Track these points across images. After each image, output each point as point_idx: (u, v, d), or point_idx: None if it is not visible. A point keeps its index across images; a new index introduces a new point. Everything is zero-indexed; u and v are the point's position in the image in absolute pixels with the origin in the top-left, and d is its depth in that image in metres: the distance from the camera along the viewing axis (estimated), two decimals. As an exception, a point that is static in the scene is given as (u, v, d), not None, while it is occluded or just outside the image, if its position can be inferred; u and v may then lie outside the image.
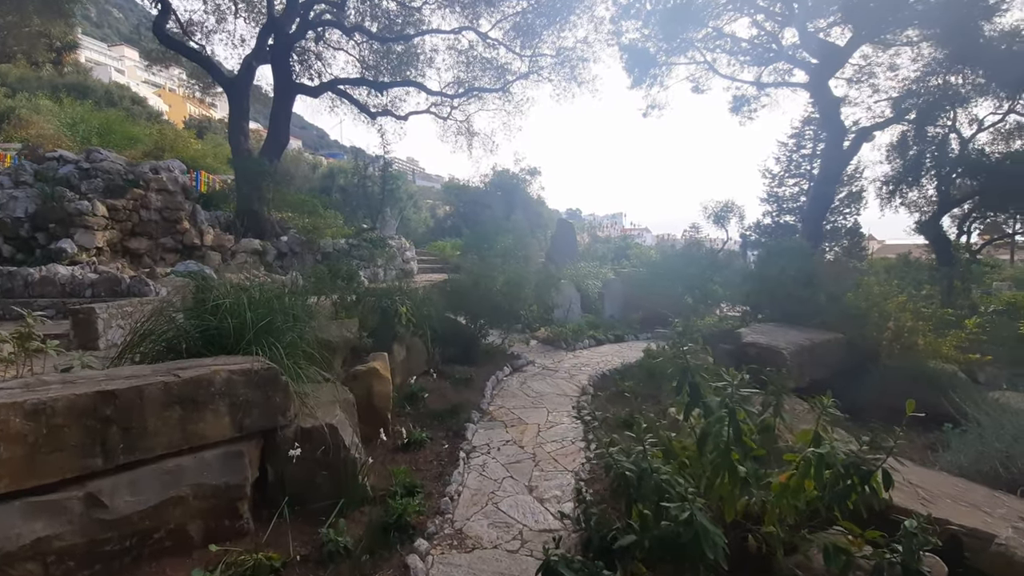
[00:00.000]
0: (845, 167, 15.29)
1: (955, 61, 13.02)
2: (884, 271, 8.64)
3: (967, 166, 13.32)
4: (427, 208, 26.95)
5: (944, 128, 13.67)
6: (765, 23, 15.92)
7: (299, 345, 4.19)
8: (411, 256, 13.01)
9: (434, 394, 5.72)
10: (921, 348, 5.35)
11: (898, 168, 14.36)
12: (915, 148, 14.06)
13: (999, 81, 12.63)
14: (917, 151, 14.08)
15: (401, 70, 13.71)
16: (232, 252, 10.68)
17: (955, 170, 13.43)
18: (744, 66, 16.81)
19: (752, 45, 16.28)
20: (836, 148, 14.77)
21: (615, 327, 9.79)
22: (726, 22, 16.15)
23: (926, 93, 13.65)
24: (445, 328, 7.31)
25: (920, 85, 13.41)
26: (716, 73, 16.35)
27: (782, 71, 16.78)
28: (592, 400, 5.95)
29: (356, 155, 14.92)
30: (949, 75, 12.97)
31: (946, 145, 13.69)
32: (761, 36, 16.06)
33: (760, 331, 5.34)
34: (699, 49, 16.34)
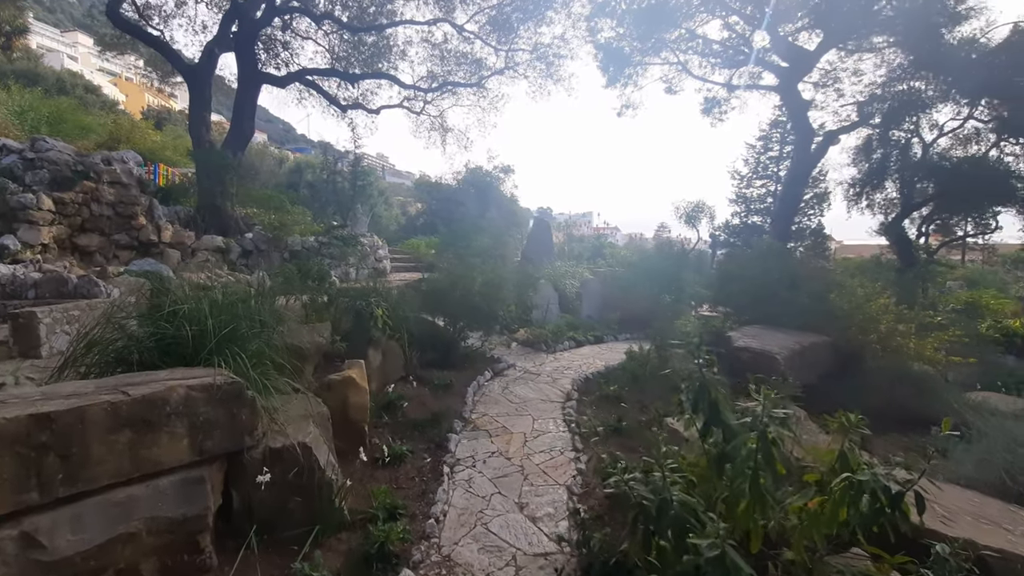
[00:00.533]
0: (813, 169, 15.57)
1: (918, 68, 13.36)
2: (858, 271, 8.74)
3: (927, 170, 13.71)
4: (398, 205, 26.35)
5: (907, 133, 14.03)
6: (736, 25, 16.04)
7: (266, 354, 3.81)
8: (384, 255, 12.56)
9: (413, 402, 5.39)
10: (905, 350, 5.33)
11: (864, 171, 14.68)
12: (879, 152, 14.40)
13: (959, 88, 13.02)
14: (881, 155, 14.42)
15: (373, 62, 13.20)
16: (192, 250, 10.04)
17: (917, 174, 13.81)
18: (715, 68, 16.91)
19: (723, 47, 16.38)
20: (805, 150, 15.01)
21: (594, 328, 9.62)
22: (698, 24, 16.19)
23: (890, 98, 13.96)
24: (423, 331, 6.98)
25: (885, 90, 13.73)
26: (689, 74, 16.40)
27: (752, 74, 16.96)
28: (578, 406, 5.71)
29: (325, 150, 14.31)
30: (913, 81, 13.30)
31: (909, 149, 14.06)
32: (732, 39, 16.18)
33: (749, 334, 5.22)
34: (672, 50, 16.36)
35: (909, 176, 13.96)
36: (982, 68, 12.42)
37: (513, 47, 13.19)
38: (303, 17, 12.72)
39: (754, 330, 5.48)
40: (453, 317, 7.01)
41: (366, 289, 6.89)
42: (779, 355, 4.48)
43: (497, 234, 11.97)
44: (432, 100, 14.97)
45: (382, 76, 13.19)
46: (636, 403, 5.86)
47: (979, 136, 13.44)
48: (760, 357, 4.55)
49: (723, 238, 22.53)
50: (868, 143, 14.51)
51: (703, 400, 2.36)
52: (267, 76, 12.39)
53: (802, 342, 5.04)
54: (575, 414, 5.43)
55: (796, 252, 12.87)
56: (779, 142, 21.24)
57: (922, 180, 13.89)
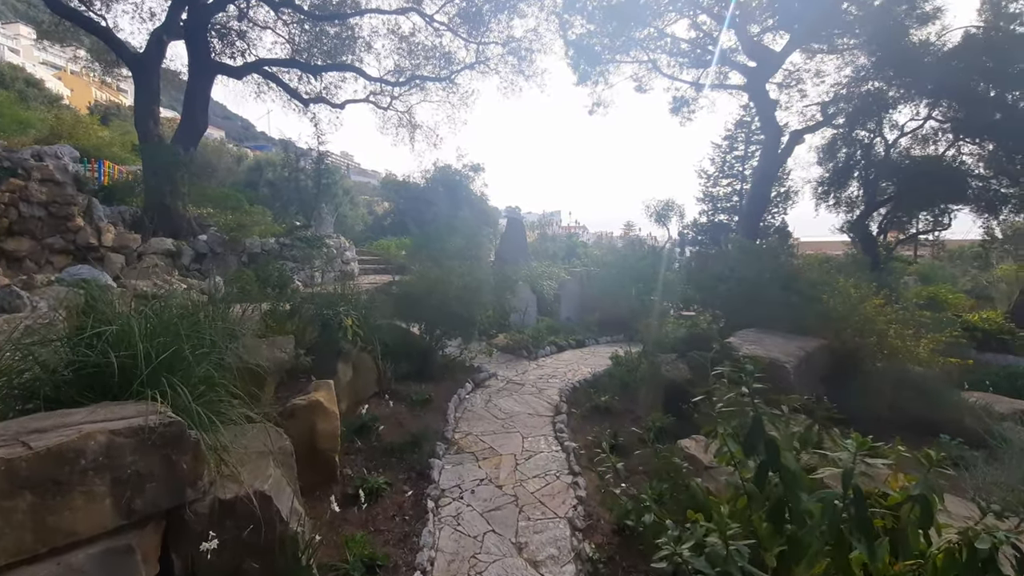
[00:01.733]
0: (781, 167, 15.64)
1: (880, 69, 13.51)
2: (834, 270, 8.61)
3: (890, 169, 13.91)
4: (365, 205, 25.41)
5: (870, 133, 14.21)
6: (704, 25, 15.96)
7: (216, 380, 3.19)
8: (351, 256, 11.82)
9: (389, 422, 4.81)
10: (903, 352, 5.10)
11: (829, 170, 14.81)
12: (844, 151, 14.54)
13: (919, 89, 13.23)
14: (846, 154, 14.57)
15: (336, 54, 12.41)
16: (139, 254, 9.11)
17: (879, 173, 14.00)
18: (683, 68, 16.81)
19: (692, 46, 16.28)
20: (772, 149, 15.03)
21: (574, 331, 9.21)
22: (667, 23, 16.03)
23: (854, 99, 14.10)
24: (396, 340, 6.39)
25: (849, 90, 13.86)
26: (659, 72, 16.23)
27: (720, 73, 16.95)
28: (568, 419, 5.26)
29: (286, 147, 13.42)
30: (875, 82, 13.44)
31: (872, 149, 14.24)
32: (700, 38, 16.09)
33: (749, 340, 4.88)
34: (642, 48, 16.16)
35: (872, 175, 14.14)
36: (938, 71, 12.65)
37: (484, 40, 12.63)
38: (261, 5, 11.83)
39: (751, 335, 5.15)
40: (430, 324, 6.45)
41: (333, 295, 6.26)
42: (788, 364, 4.13)
43: (471, 234, 11.43)
44: (400, 95, 14.26)
45: (346, 68, 12.42)
46: (629, 414, 5.45)
47: (937, 136, 13.70)
48: (768, 367, 4.18)
49: (691, 236, 22.59)
50: (833, 143, 14.64)
51: (757, 438, 1.92)
52: (221, 66, 11.45)
53: (805, 347, 4.73)
54: (567, 430, 4.97)
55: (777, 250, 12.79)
56: (744, 142, 21.38)
57: (884, 179, 14.08)
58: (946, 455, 4.24)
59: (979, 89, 12.67)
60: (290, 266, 9.70)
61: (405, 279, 8.24)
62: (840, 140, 14.60)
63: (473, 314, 6.52)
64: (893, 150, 14.00)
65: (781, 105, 15.87)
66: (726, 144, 21.85)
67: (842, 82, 13.85)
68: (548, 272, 10.94)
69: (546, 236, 18.54)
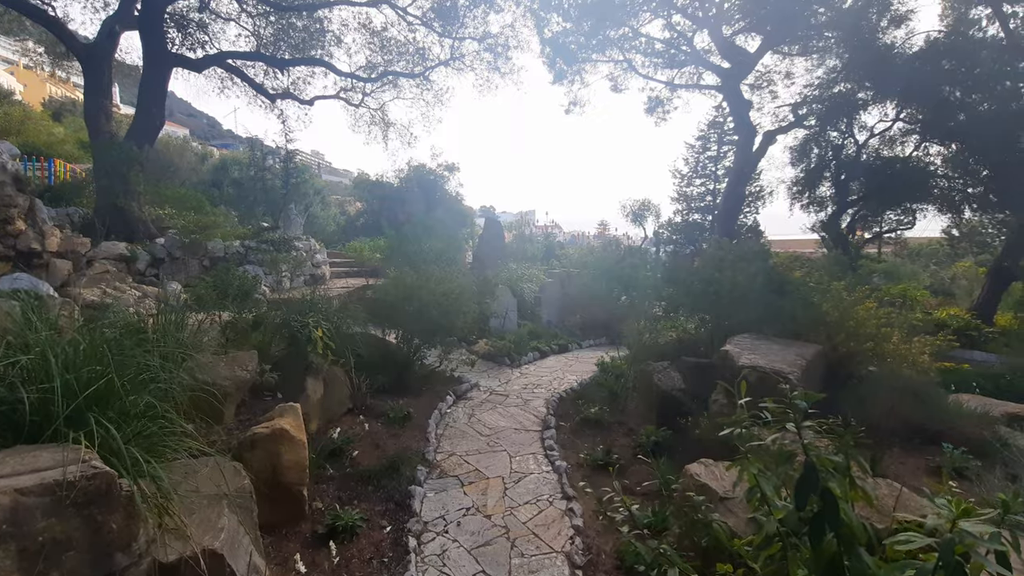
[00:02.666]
0: (755, 167, 15.67)
1: (850, 72, 13.63)
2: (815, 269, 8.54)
3: (860, 169, 14.06)
4: (336, 205, 24.62)
5: (841, 133, 14.34)
6: (678, 26, 15.88)
7: (160, 411, 2.72)
8: (322, 259, 11.22)
9: (364, 443, 4.38)
10: (901, 357, 4.93)
11: (802, 170, 14.89)
12: (816, 152, 14.64)
13: (887, 91, 13.38)
14: (818, 155, 14.67)
15: (304, 49, 11.77)
16: (88, 259, 8.36)
17: (851, 173, 14.13)
18: (658, 68, 16.72)
19: (667, 46, 16.18)
20: (747, 149, 15.03)
21: (557, 335, 8.88)
22: (643, 23, 15.89)
23: (825, 100, 14.20)
24: (372, 350, 5.93)
25: (821, 92, 13.95)
26: (635, 72, 16.06)
27: (694, 74, 16.91)
28: (558, 435, 4.90)
29: (252, 144, 12.71)
30: (846, 84, 13.56)
31: (843, 149, 14.37)
32: (675, 39, 16.00)
33: (745, 347, 4.62)
34: (618, 47, 15.98)
35: (844, 175, 14.26)
36: (905, 74, 12.81)
37: (459, 35, 12.17)
38: (222, -6, 11.11)
39: (746, 341, 4.90)
40: (407, 333, 6.01)
41: (302, 303, 5.76)
42: (792, 374, 3.87)
43: (449, 236, 10.98)
44: (372, 92, 13.67)
45: (315, 63, 11.79)
46: (620, 427, 5.14)
47: (905, 137, 13.90)
48: (770, 378, 3.92)
49: (666, 236, 22.59)
50: (805, 143, 14.73)
51: (811, 489, 1.59)
52: (179, 58, 10.69)
53: (804, 355, 4.49)
54: (557, 446, 4.62)
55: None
56: (717, 142, 21.45)
57: (855, 179, 14.23)
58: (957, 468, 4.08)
59: (944, 92, 12.88)
60: (255, 271, 9.08)
61: (380, 283, 7.78)
62: (812, 141, 14.70)
63: (454, 322, 6.12)
64: (863, 151, 14.14)
65: (754, 106, 15.93)
66: (699, 144, 21.89)
67: (814, 83, 13.94)
68: (528, 274, 10.59)
69: (524, 237, 18.18)
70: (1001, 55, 12.73)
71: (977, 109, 13.15)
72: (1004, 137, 12.23)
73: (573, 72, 16.20)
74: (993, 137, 12.32)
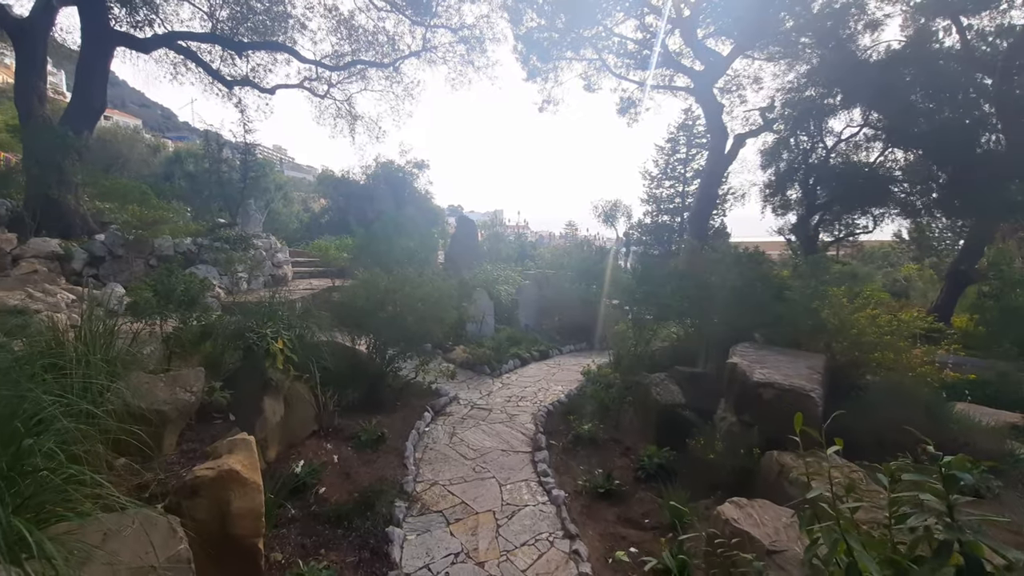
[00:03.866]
0: (727, 169, 15.64)
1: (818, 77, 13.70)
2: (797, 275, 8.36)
3: (828, 174, 14.17)
4: (300, 201, 23.46)
5: (810, 138, 14.41)
6: (651, 27, 15.71)
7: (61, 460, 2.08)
8: (284, 259, 10.36)
9: (332, 474, 3.76)
10: (903, 367, 4.66)
11: (772, 174, 14.92)
12: (786, 155, 14.69)
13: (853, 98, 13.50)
14: (788, 159, 14.72)
15: (265, 33, 10.86)
16: (14, 258, 7.35)
17: (819, 177, 14.22)
18: (631, 69, 16.52)
19: (640, 46, 15.98)
20: (719, 151, 14.98)
21: (536, 340, 8.38)
22: (616, 22, 15.64)
23: (794, 105, 14.26)
24: (340, 361, 5.27)
25: (793, 96, 14.00)
26: (609, 71, 15.78)
27: (666, 76, 16.79)
28: (550, 456, 4.39)
29: (208, 135, 11.67)
30: (815, 88, 13.62)
31: (812, 153, 14.45)
32: (648, 39, 15.82)
33: (750, 357, 4.23)
34: (592, 46, 15.67)
35: (812, 179, 14.34)
36: (869, 81, 12.95)
37: (432, 24, 11.50)
38: (173, -29, 10.09)
39: (750, 352, 4.52)
40: (381, 343, 5.38)
41: (261, 307, 5.05)
42: (814, 393, 3.49)
43: (420, 235, 10.32)
44: (339, 83, 12.83)
45: (276, 47, 10.88)
46: (616, 445, 4.68)
47: (871, 143, 14.08)
48: (787, 395, 3.52)
49: (636, 236, 22.49)
50: (776, 147, 14.75)
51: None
52: (123, 37, 9.62)
53: (815, 367, 4.14)
54: (551, 470, 4.11)
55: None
56: (686, 144, 21.47)
57: (823, 183, 14.34)
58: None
59: (907, 99, 13.07)
60: (208, 271, 8.21)
61: (348, 285, 7.10)
62: (782, 145, 14.73)
63: (432, 329, 5.52)
64: (832, 156, 14.26)
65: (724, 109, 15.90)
66: (669, 147, 21.86)
67: (785, 87, 13.96)
68: (504, 276, 10.06)
69: (498, 236, 17.61)
70: (961, 65, 13.00)
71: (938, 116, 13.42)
72: (963, 144, 12.49)
73: (547, 69, 15.79)
74: (953, 144, 12.55)
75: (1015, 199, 11.60)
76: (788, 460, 3.26)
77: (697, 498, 3.63)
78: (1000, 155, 12.48)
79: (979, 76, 13.47)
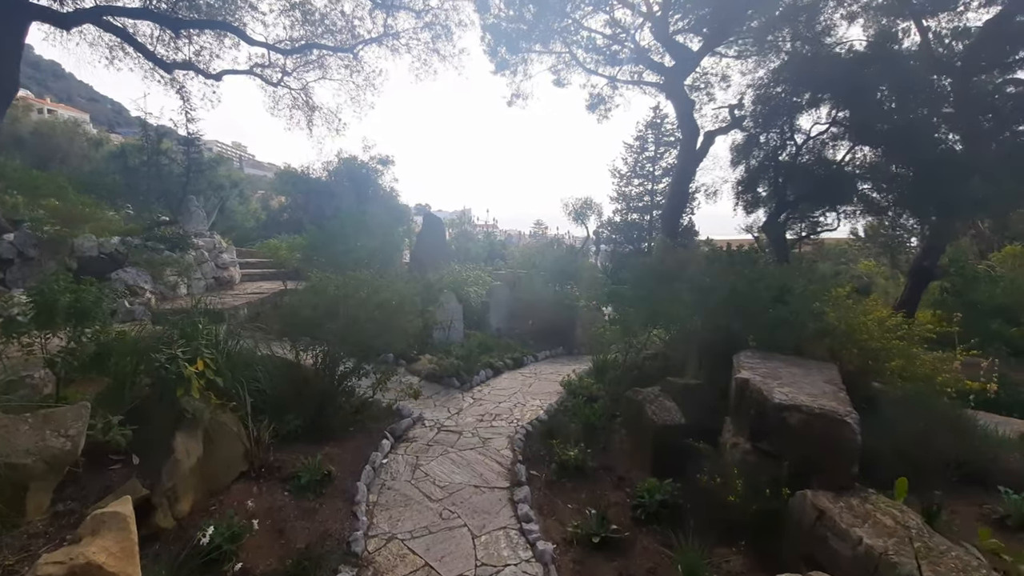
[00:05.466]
0: (698, 166, 15.29)
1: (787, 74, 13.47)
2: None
3: (794, 171, 13.96)
4: (259, 200, 22.04)
5: (778, 136, 14.18)
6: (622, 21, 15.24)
7: None
8: (229, 259, 9.24)
9: (260, 534, 2.91)
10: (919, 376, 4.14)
11: (742, 171, 14.62)
12: (755, 153, 14.42)
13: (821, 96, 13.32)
14: (756, 156, 14.46)
15: (208, 13, 9.71)
16: None
17: (788, 175, 13.99)
18: (601, 65, 16.02)
19: (610, 41, 15.48)
20: (691, 148, 14.62)
21: (509, 347, 7.62)
22: (586, 15, 15.09)
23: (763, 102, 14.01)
24: (281, 380, 4.40)
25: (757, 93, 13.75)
26: (578, 64, 15.21)
27: (636, 72, 16.36)
28: (532, 493, 3.64)
29: (145, 124, 10.38)
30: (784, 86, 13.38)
31: (780, 151, 14.22)
32: (619, 34, 15.34)
33: (761, 370, 3.60)
34: (561, 39, 15.07)
35: (782, 177, 14.11)
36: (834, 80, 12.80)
37: (392, 4, 10.53)
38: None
39: (758, 363, 3.90)
40: (330, 358, 4.52)
41: (179, 320, 4.12)
42: (849, 417, 2.87)
43: (383, 233, 9.40)
44: (294, 71, 11.72)
45: (220, 26, 9.72)
46: (607, 473, 3.97)
47: (837, 142, 13.93)
48: (818, 421, 2.89)
49: (606, 235, 22.05)
50: (746, 145, 14.46)
51: None
52: (40, 10, 8.33)
53: (833, 380, 3.55)
54: (534, 514, 3.36)
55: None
56: (655, 143, 21.14)
57: (791, 181, 14.12)
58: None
59: (874, 99, 12.96)
60: (136, 275, 7.10)
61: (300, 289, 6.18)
62: (752, 142, 14.46)
63: (392, 341, 4.70)
64: (801, 154, 14.05)
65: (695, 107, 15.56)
66: (637, 145, 21.48)
67: (756, 84, 13.70)
68: (473, 277, 9.26)
69: (467, 235, 16.76)
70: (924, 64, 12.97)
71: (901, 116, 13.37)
72: (927, 143, 12.44)
73: (516, 62, 15.06)
74: (917, 143, 12.48)
75: (977, 196, 11.58)
76: (826, 503, 2.62)
77: (711, 546, 2.97)
78: (961, 154, 12.49)
79: (940, 76, 13.49)
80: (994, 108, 13.35)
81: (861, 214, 15.10)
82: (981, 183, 11.97)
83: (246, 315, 7.32)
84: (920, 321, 4.72)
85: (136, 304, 6.84)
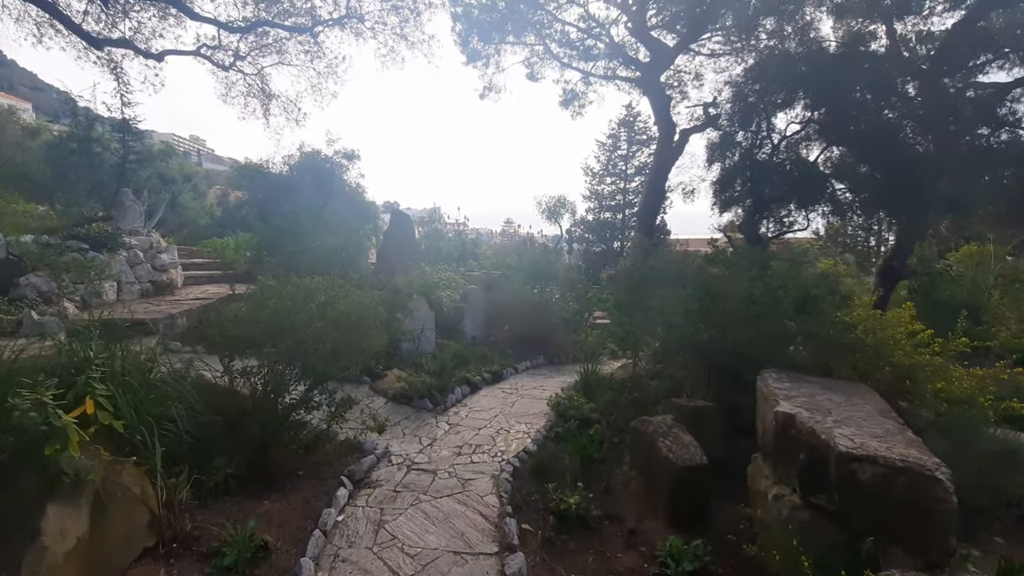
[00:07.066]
0: (675, 163, 14.83)
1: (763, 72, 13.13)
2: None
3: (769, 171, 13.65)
4: (216, 195, 20.47)
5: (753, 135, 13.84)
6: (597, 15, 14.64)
7: None
8: (169, 260, 8.06)
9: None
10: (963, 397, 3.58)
11: (718, 170, 14.23)
12: (730, 152, 14.05)
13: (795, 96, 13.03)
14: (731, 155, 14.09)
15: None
16: None
17: (763, 174, 13.68)
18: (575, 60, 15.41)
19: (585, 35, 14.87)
20: (667, 146, 14.14)
21: (487, 357, 6.81)
22: (560, 7, 14.42)
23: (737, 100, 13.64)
24: (210, 413, 3.47)
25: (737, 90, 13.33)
26: (552, 58, 14.52)
27: (610, 68, 15.83)
28: (527, 560, 2.87)
29: (74, 107, 9.03)
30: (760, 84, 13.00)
31: (756, 150, 13.89)
32: (594, 28, 14.75)
33: (804, 402, 2.93)
34: (535, 31, 14.36)
35: (757, 176, 13.78)
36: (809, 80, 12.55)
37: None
38: None
39: (792, 387, 3.23)
40: (277, 380, 3.61)
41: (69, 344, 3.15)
42: (939, 472, 2.22)
43: (346, 231, 8.41)
44: (248, 54, 10.53)
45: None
46: (617, 528, 3.22)
47: (810, 141, 13.69)
48: (899, 477, 2.21)
49: (578, 234, 21.48)
50: (722, 143, 14.06)
51: None
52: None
53: (884, 411, 2.93)
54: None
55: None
56: (627, 141, 20.68)
57: (766, 180, 13.81)
58: None
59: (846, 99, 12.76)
60: (42, 281, 5.95)
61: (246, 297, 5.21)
62: (727, 141, 14.08)
63: (352, 363, 3.82)
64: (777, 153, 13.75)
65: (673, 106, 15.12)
66: (610, 143, 20.98)
67: (733, 81, 13.29)
68: (446, 279, 8.40)
69: (437, 234, 15.81)
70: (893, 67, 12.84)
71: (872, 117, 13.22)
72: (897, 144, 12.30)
73: (488, 53, 14.22)
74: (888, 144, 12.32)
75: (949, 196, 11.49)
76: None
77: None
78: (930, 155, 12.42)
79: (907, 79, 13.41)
80: (956, 111, 13.34)
81: (832, 213, 15.00)
82: (949, 184, 11.90)
83: (184, 325, 6.28)
84: (897, 320, 4.12)
85: (48, 315, 5.70)
